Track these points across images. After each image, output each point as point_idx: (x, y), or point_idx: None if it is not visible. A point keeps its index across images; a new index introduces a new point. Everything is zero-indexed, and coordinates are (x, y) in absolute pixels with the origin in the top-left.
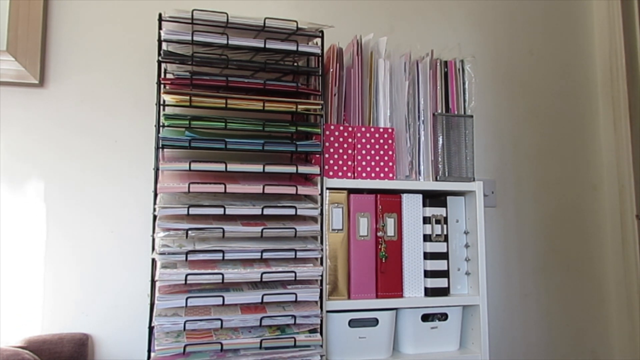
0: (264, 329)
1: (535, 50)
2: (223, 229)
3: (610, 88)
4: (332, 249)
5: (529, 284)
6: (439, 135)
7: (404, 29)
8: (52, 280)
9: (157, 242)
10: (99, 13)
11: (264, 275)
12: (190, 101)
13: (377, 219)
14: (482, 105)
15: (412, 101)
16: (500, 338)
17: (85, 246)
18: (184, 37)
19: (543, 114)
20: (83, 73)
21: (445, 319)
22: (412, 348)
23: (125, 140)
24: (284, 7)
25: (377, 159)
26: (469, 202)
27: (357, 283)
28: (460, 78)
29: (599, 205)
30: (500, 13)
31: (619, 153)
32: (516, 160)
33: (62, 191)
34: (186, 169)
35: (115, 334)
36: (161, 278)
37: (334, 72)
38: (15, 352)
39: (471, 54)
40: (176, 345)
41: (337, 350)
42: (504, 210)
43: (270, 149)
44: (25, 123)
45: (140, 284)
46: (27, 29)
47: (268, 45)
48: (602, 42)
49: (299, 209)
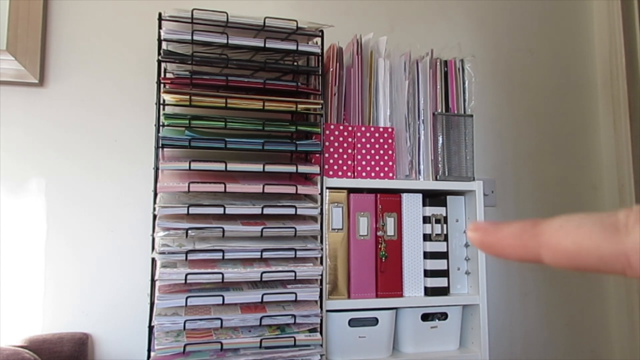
0: (264, 329)
1: (536, 49)
2: (223, 228)
3: (610, 88)
4: (332, 248)
5: (529, 284)
6: (438, 135)
7: (404, 29)
8: (52, 279)
9: (157, 242)
10: (99, 12)
11: (263, 274)
12: (190, 100)
13: (377, 218)
14: (482, 104)
15: (412, 100)
16: (500, 337)
17: (85, 245)
18: (183, 36)
19: (543, 114)
20: (83, 72)
21: (445, 318)
22: (412, 347)
23: (125, 139)
24: (284, 7)
25: (377, 158)
26: (469, 201)
27: (357, 282)
28: (460, 77)
29: (599, 204)
30: (500, 12)
31: (619, 153)
32: (516, 160)
33: (62, 190)
34: (186, 169)
35: (115, 333)
36: (161, 277)
37: (334, 71)
38: (15, 352)
39: (471, 54)
40: (176, 344)
41: (337, 349)
42: (504, 209)
43: (270, 149)
44: (25, 122)
45: (140, 284)
46: (27, 28)
47: (268, 45)
48: (602, 42)
49: (299, 208)
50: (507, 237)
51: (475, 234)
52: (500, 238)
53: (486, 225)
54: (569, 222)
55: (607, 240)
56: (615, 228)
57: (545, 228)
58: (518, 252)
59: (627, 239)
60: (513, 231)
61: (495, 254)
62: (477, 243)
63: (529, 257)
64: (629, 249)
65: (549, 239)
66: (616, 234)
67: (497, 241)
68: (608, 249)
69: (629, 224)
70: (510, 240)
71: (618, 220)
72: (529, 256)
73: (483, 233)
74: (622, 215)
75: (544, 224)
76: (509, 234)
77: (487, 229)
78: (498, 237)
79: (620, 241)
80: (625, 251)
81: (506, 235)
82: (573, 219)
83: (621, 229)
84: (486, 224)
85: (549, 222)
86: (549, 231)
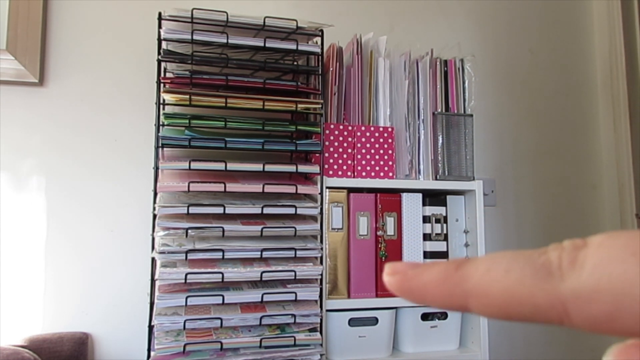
0: (264, 328)
1: (535, 49)
2: (223, 228)
3: (610, 87)
4: (332, 248)
5: None
6: (438, 134)
7: (404, 28)
8: (52, 279)
9: (157, 241)
10: (98, 12)
11: (263, 274)
12: (190, 100)
13: (377, 218)
14: (481, 104)
15: (412, 100)
16: (500, 337)
17: (85, 245)
18: (183, 36)
19: (543, 113)
20: (83, 72)
21: (445, 317)
22: (412, 347)
23: (125, 139)
24: (284, 6)
25: (377, 158)
26: (469, 201)
27: (356, 282)
28: (460, 77)
29: (599, 204)
30: (500, 12)
31: (619, 152)
32: (516, 159)
33: (62, 190)
34: (186, 168)
35: (115, 333)
36: (161, 277)
37: (334, 71)
38: (15, 351)
39: (471, 53)
40: (176, 344)
41: (337, 349)
42: (504, 209)
43: (270, 148)
44: (25, 122)
45: (140, 283)
46: (27, 27)
47: (268, 44)
48: (602, 41)
49: (299, 208)
50: (429, 283)
51: (392, 278)
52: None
53: (405, 268)
54: (497, 264)
55: (540, 287)
56: (547, 272)
57: (470, 273)
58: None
59: (562, 285)
60: (436, 276)
61: (416, 301)
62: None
63: (455, 306)
64: (566, 296)
65: (476, 287)
66: (550, 279)
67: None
68: (542, 297)
69: (563, 266)
70: (432, 287)
71: (550, 261)
72: (454, 305)
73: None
74: (554, 256)
75: (469, 267)
76: (431, 279)
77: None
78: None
79: (555, 287)
80: (560, 299)
81: (428, 280)
82: (502, 261)
83: (554, 273)
84: (405, 267)
85: (475, 266)
86: (474, 277)
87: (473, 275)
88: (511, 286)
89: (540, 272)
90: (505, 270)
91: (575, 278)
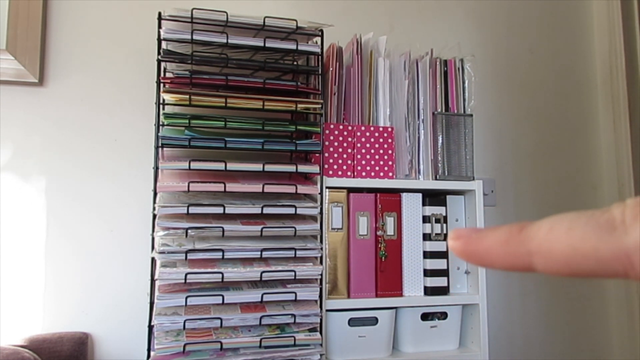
0: (264, 328)
1: (535, 49)
2: (223, 227)
3: (610, 87)
4: (331, 248)
5: (529, 283)
6: (438, 134)
7: (404, 28)
8: (52, 279)
9: (157, 241)
10: (98, 12)
11: (263, 274)
12: (189, 100)
13: (377, 218)
14: (481, 104)
15: (411, 100)
16: (499, 337)
17: (85, 245)
18: (183, 36)
19: (543, 113)
20: (82, 72)
21: (444, 317)
22: (412, 347)
23: (124, 139)
24: (284, 6)
25: (377, 158)
26: (469, 201)
27: (356, 282)
28: (459, 77)
29: (599, 204)
30: (499, 12)
31: (619, 152)
32: (516, 159)
33: (62, 190)
34: (186, 168)
35: (115, 332)
36: (161, 277)
37: (334, 71)
38: (15, 351)
39: (471, 53)
40: (176, 344)
41: (337, 349)
42: (504, 209)
43: (270, 148)
44: (25, 122)
45: (139, 283)
46: (27, 27)
47: (268, 44)
48: (602, 41)
49: (299, 208)
50: (493, 245)
51: (456, 242)
52: (485, 246)
53: (469, 233)
54: (559, 223)
55: (604, 240)
56: (611, 226)
57: (534, 233)
58: (506, 261)
59: (626, 238)
60: (499, 238)
61: (480, 264)
62: (459, 253)
63: (519, 266)
64: (630, 248)
65: (540, 245)
66: (613, 233)
67: (482, 250)
68: (606, 250)
69: (627, 220)
70: (496, 249)
71: (613, 217)
72: (518, 265)
73: (465, 241)
74: (617, 212)
75: (531, 228)
76: (494, 242)
77: (470, 237)
78: (483, 246)
79: (619, 240)
80: (625, 251)
81: (491, 243)
82: (563, 221)
83: (618, 227)
84: (468, 231)
85: (537, 226)
86: (538, 236)
87: (536, 234)
88: (575, 242)
89: (604, 227)
90: (568, 228)
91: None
